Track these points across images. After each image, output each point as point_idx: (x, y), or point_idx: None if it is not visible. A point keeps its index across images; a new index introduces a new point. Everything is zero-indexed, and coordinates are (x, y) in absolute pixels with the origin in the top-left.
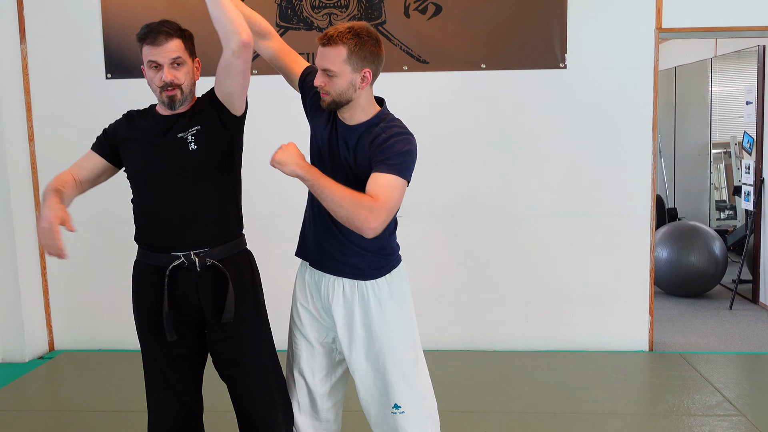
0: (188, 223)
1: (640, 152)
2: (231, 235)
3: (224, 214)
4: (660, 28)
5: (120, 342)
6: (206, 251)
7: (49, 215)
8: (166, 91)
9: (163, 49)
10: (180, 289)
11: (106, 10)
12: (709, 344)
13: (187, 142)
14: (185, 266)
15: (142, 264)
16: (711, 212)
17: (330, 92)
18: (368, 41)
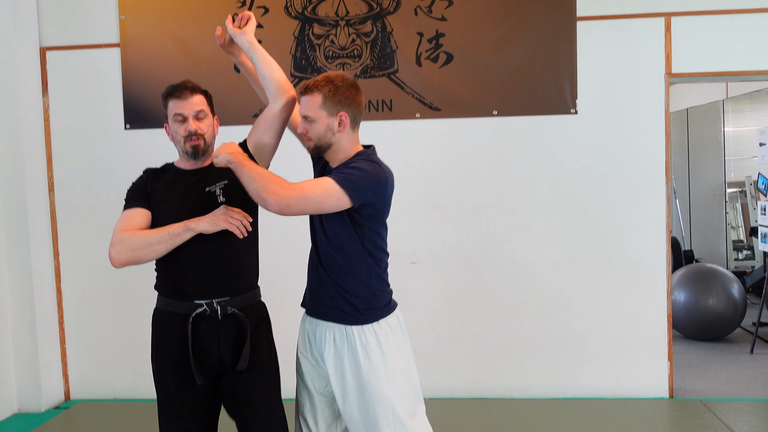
0: (212, 274)
1: (654, 196)
2: (251, 285)
3: (246, 265)
4: (670, 74)
5: (136, 391)
6: (227, 300)
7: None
8: (190, 141)
9: (188, 102)
10: (200, 337)
11: (126, 63)
12: (731, 390)
13: (215, 195)
14: (207, 314)
15: (164, 312)
16: (728, 253)
17: (311, 137)
18: (342, 86)
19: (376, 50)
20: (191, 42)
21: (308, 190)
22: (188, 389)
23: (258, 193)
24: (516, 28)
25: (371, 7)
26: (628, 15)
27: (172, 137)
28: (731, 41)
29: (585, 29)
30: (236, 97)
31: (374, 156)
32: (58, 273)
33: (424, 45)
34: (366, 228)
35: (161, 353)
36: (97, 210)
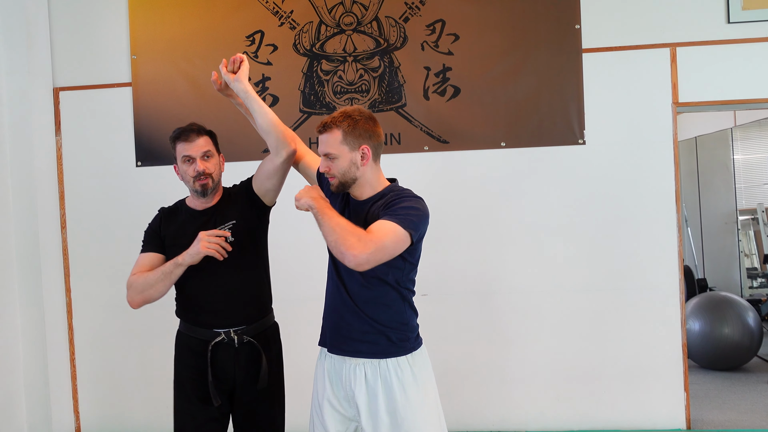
0: (228, 306)
1: (665, 224)
2: (264, 312)
3: (259, 296)
4: (677, 103)
5: (147, 427)
6: (243, 329)
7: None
8: (199, 181)
9: (195, 144)
10: (218, 361)
11: (137, 102)
12: (750, 421)
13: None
14: (225, 342)
15: (186, 336)
16: (742, 281)
17: (335, 174)
18: (360, 120)
19: (383, 85)
20: (201, 80)
21: (383, 239)
22: (206, 405)
23: (336, 245)
24: (522, 61)
25: (378, 43)
26: (633, 46)
27: (182, 177)
28: (737, 70)
29: (591, 61)
30: (245, 133)
31: (411, 191)
32: (69, 309)
33: (432, 79)
34: (409, 262)
35: (182, 372)
36: (108, 246)
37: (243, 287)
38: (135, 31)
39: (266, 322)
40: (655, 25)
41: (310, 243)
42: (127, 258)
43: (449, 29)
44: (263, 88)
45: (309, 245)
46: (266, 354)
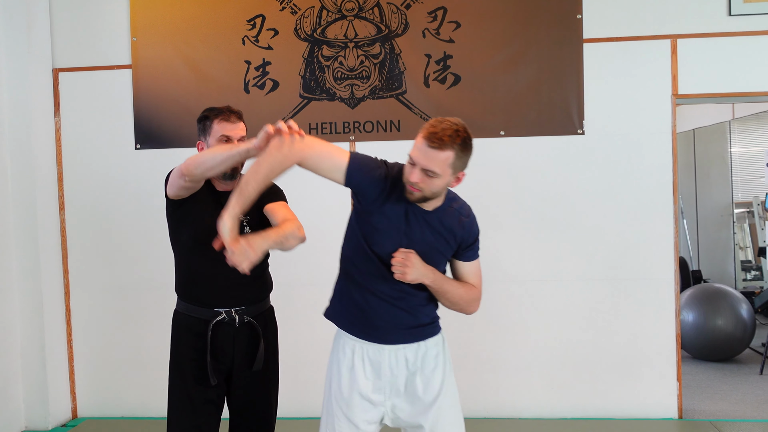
0: (232, 286)
1: (662, 216)
2: (264, 294)
3: (262, 278)
4: (676, 95)
5: (144, 409)
6: (244, 309)
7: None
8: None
9: (236, 127)
10: (218, 341)
11: (137, 84)
12: (741, 411)
13: (242, 224)
14: (225, 321)
15: (184, 316)
16: (736, 273)
17: (423, 189)
18: (470, 147)
19: (384, 72)
20: (201, 63)
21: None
22: (203, 386)
23: (462, 310)
24: (523, 50)
25: (380, 29)
26: (634, 37)
27: None
28: (737, 63)
29: (592, 51)
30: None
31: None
32: (67, 291)
33: (432, 66)
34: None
35: (180, 353)
36: (106, 228)
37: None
38: (135, 13)
39: (265, 304)
40: (656, 17)
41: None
42: (125, 240)
43: (451, 17)
44: (263, 72)
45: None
46: (264, 336)
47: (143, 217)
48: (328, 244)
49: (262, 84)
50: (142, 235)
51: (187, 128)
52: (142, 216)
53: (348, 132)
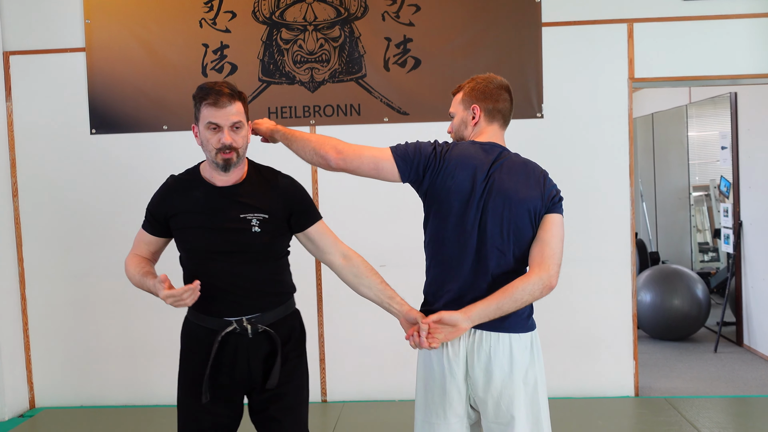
0: (243, 295)
1: (619, 198)
2: (283, 299)
3: (278, 283)
4: (633, 78)
5: (103, 398)
6: (258, 316)
7: (161, 293)
8: (223, 153)
9: (226, 112)
10: (230, 354)
11: (92, 67)
12: (695, 388)
13: (251, 224)
14: (236, 332)
15: (194, 324)
16: (693, 255)
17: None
18: (481, 82)
19: (344, 55)
20: (158, 45)
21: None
22: (214, 403)
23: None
24: (482, 34)
25: (339, 12)
26: (591, 21)
27: (202, 144)
28: (692, 47)
29: (550, 35)
30: None
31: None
32: (22, 279)
33: (392, 50)
34: None
35: (189, 365)
36: (62, 215)
37: (262, 277)
38: None
39: (285, 308)
40: (613, 1)
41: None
42: (82, 227)
43: (410, 0)
44: (221, 56)
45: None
46: (286, 345)
47: (100, 203)
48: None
49: (220, 67)
50: (100, 222)
51: (144, 112)
52: (100, 202)
53: (308, 116)
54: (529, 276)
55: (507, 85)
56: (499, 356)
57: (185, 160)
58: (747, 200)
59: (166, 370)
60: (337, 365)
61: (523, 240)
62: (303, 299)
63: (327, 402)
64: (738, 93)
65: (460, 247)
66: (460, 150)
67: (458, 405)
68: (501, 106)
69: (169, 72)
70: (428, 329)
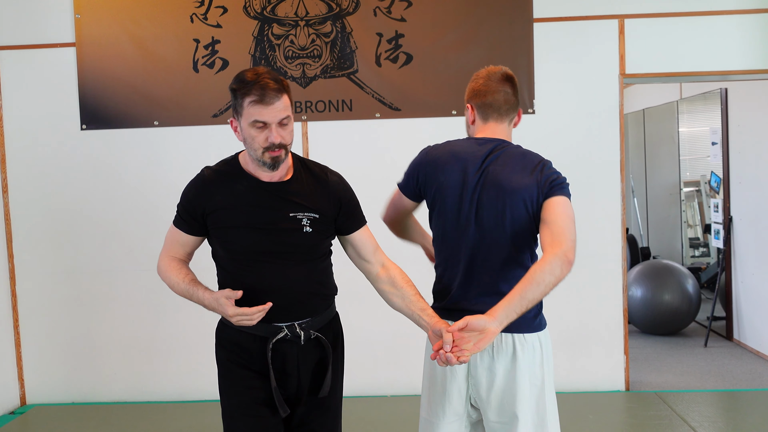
0: (293, 298)
1: (610, 193)
2: (329, 302)
3: (325, 285)
4: (624, 74)
5: (94, 395)
6: (309, 321)
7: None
8: (270, 152)
9: (273, 108)
10: (279, 363)
11: (82, 63)
12: (685, 382)
13: (301, 224)
14: (288, 338)
15: (234, 330)
16: (684, 250)
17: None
18: (474, 79)
19: (335, 51)
20: (148, 41)
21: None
22: (261, 416)
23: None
24: (474, 29)
25: (331, 7)
26: (583, 17)
27: (244, 140)
28: (683, 43)
29: (541, 30)
30: (195, 97)
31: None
32: (12, 275)
33: (384, 45)
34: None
35: (232, 377)
36: (52, 211)
37: (311, 279)
38: None
39: (330, 312)
40: None
41: None
42: (72, 223)
43: None
44: (213, 51)
45: None
46: (333, 352)
47: (92, 199)
48: None
49: (211, 63)
50: (91, 218)
51: (135, 108)
52: (91, 198)
53: (300, 112)
54: (544, 258)
55: (503, 75)
56: (503, 356)
57: (176, 156)
58: (737, 196)
59: (158, 367)
60: None
61: (521, 230)
62: None
63: None
64: (728, 89)
65: (458, 242)
66: (450, 146)
67: (458, 404)
68: (491, 99)
69: (160, 67)
70: (452, 340)
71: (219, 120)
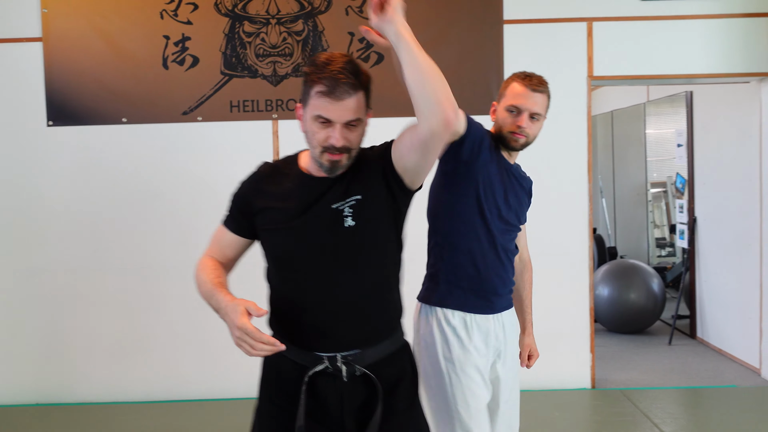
0: (336, 320)
1: (577, 194)
2: (391, 327)
3: (384, 303)
4: (592, 76)
5: (60, 395)
6: (357, 354)
7: (237, 320)
8: (330, 154)
9: (342, 106)
10: (319, 397)
11: (49, 58)
12: (649, 380)
13: (342, 216)
14: (328, 371)
15: (278, 354)
16: (650, 250)
17: (529, 135)
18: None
19: (307, 49)
20: (117, 36)
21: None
22: None
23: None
24: (445, 30)
25: (302, 6)
26: (552, 19)
27: (305, 133)
28: (649, 46)
29: (511, 32)
30: (165, 93)
31: None
32: None
33: (355, 45)
34: None
35: (266, 400)
36: (18, 209)
37: (361, 296)
38: None
39: (393, 342)
40: None
41: None
42: (38, 221)
43: None
44: (183, 48)
45: None
46: (394, 390)
47: (57, 197)
48: None
49: (181, 60)
50: (57, 215)
51: (103, 104)
52: (56, 195)
53: (270, 110)
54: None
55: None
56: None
57: (145, 153)
58: (701, 197)
59: (127, 367)
60: None
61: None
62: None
63: None
64: (693, 92)
65: None
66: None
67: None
68: None
69: (129, 63)
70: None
71: (189, 118)
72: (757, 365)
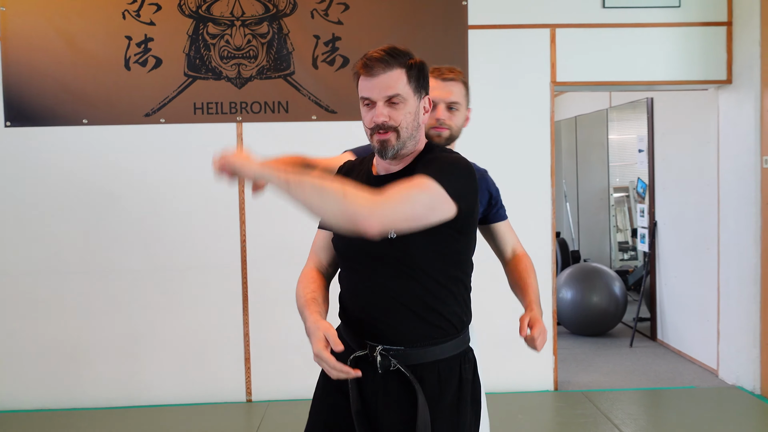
0: (379, 318)
1: (540, 198)
2: (446, 333)
3: (438, 309)
4: (555, 82)
5: (13, 402)
6: (399, 350)
7: (314, 347)
8: (378, 134)
9: (378, 82)
10: (355, 390)
11: (6, 57)
12: (611, 382)
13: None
14: (368, 360)
15: (341, 332)
16: (613, 253)
17: (452, 126)
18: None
19: (272, 52)
20: (77, 36)
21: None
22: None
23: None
24: (410, 34)
25: (267, 8)
26: (516, 25)
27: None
28: (611, 53)
29: (476, 37)
30: (127, 95)
31: None
32: None
33: (321, 48)
34: None
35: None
36: None
37: (410, 299)
38: None
39: (449, 347)
40: (537, 6)
41: None
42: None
43: None
44: (145, 49)
45: None
46: (440, 399)
47: (14, 199)
48: None
49: (144, 61)
50: (15, 218)
51: (62, 105)
52: (14, 198)
53: (235, 113)
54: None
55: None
56: None
57: (106, 155)
58: (661, 201)
59: (83, 372)
60: (262, 364)
61: None
62: (227, 298)
63: (252, 402)
64: (654, 98)
65: None
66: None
67: None
68: None
69: (90, 64)
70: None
71: (151, 119)
72: (715, 366)
